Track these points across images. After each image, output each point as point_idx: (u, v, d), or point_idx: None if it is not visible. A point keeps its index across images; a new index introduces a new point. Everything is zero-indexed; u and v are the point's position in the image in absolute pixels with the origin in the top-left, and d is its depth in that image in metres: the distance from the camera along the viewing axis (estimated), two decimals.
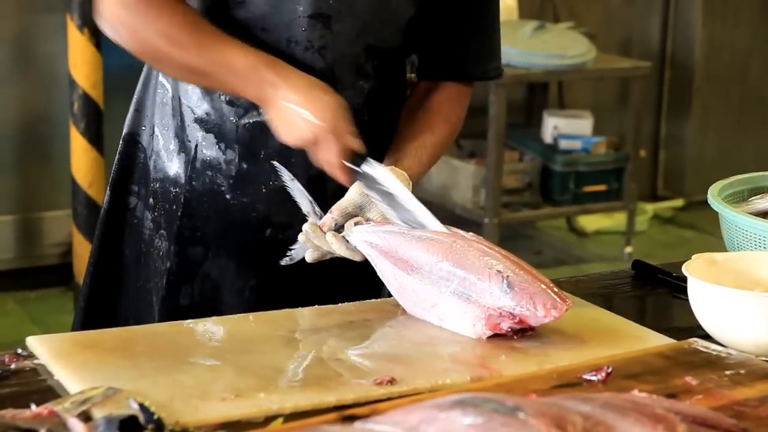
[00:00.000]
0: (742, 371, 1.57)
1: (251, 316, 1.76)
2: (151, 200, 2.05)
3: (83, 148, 4.60)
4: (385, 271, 1.77)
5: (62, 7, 4.61)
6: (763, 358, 1.64)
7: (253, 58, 1.84)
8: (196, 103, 1.98)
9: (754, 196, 2.09)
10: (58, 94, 4.74)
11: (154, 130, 2.05)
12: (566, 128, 5.58)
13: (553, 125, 5.56)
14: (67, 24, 4.58)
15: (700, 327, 1.73)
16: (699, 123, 6.34)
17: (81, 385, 1.48)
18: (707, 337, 1.70)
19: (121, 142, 2.10)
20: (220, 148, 1.98)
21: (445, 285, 1.71)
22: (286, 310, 1.79)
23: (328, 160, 1.82)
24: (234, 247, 2.01)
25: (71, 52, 4.56)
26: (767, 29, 6.40)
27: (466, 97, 2.08)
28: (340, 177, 1.83)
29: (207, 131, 1.99)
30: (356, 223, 1.81)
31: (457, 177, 5.39)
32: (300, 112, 1.80)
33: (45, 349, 1.61)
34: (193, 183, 2.00)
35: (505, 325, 1.67)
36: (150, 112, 2.05)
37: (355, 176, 1.82)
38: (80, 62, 4.55)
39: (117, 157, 2.10)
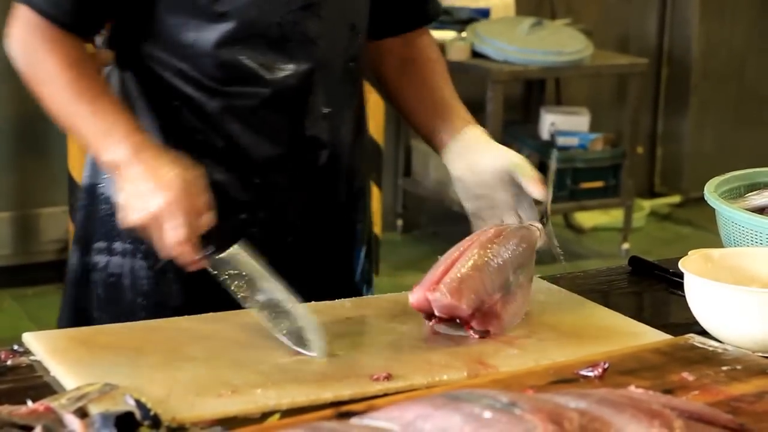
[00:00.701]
0: (739, 367, 1.57)
1: (247, 311, 1.76)
2: (139, 247, 1.90)
3: (80, 145, 4.60)
4: None
5: None
6: (760, 354, 1.64)
7: (116, 120, 1.76)
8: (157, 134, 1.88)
9: (751, 192, 2.09)
10: None
11: None
12: (563, 125, 5.58)
13: (550, 122, 5.57)
14: None
15: (696, 323, 1.73)
16: (696, 120, 6.35)
17: (77, 382, 1.48)
18: (704, 333, 1.70)
19: (81, 194, 2.00)
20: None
21: None
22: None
23: (174, 239, 1.67)
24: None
25: None
26: (764, 26, 6.40)
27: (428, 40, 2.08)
28: (185, 259, 1.69)
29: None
30: None
31: None
32: (142, 194, 1.68)
33: (41, 346, 1.61)
34: None
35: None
36: None
37: (206, 259, 1.70)
38: None
39: (80, 212, 1.99)
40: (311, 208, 1.94)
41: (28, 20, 1.80)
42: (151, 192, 1.68)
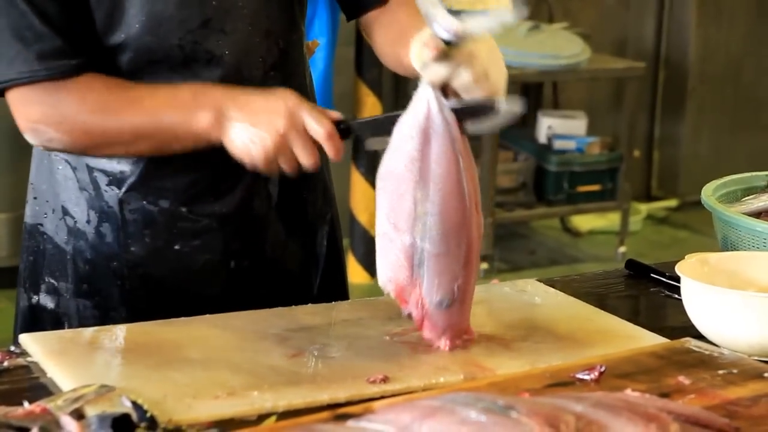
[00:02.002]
0: (735, 371, 1.57)
1: (244, 314, 1.76)
2: (82, 287, 1.86)
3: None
4: None
5: None
6: (756, 358, 1.64)
7: (190, 86, 1.72)
8: (106, 163, 1.82)
9: (748, 196, 2.09)
10: None
11: (64, 212, 1.86)
12: (560, 128, 5.58)
13: (548, 125, 5.57)
14: None
15: (693, 326, 1.73)
16: (693, 123, 6.35)
17: (73, 383, 1.48)
18: (700, 336, 1.71)
19: (24, 235, 1.93)
20: (149, 202, 1.82)
21: None
22: (279, 308, 1.79)
23: (316, 131, 1.66)
24: (198, 291, 1.86)
25: None
26: (761, 31, 6.41)
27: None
28: (332, 146, 1.68)
29: (128, 189, 1.82)
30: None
31: None
32: (267, 107, 1.67)
33: (38, 347, 1.61)
34: (132, 249, 1.83)
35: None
36: (51, 195, 1.87)
37: (349, 134, 1.71)
38: None
39: (23, 253, 1.94)
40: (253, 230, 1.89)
41: (43, 98, 1.71)
42: (270, 116, 1.66)
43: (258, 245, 1.89)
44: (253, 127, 1.67)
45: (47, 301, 1.90)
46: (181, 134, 1.72)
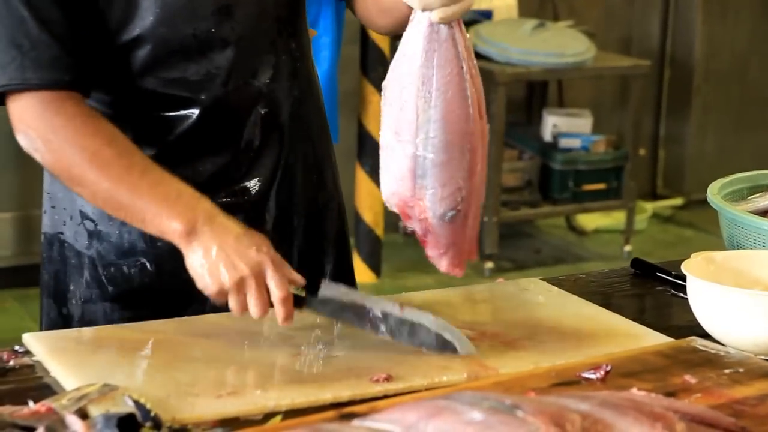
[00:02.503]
0: (741, 370, 1.56)
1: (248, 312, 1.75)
2: (108, 290, 1.85)
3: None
4: None
5: None
6: (762, 357, 1.64)
7: (181, 185, 1.68)
8: None
9: (754, 194, 2.09)
10: None
11: (83, 216, 1.85)
12: (566, 127, 5.58)
13: (553, 123, 5.56)
14: None
15: (699, 325, 1.73)
16: (698, 122, 6.34)
17: (77, 382, 1.48)
18: (706, 335, 1.70)
19: (44, 245, 1.91)
20: None
21: None
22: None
23: (273, 292, 1.62)
24: None
25: None
26: (766, 29, 6.40)
27: None
28: (283, 312, 1.62)
29: None
30: None
31: None
32: (237, 248, 1.62)
33: (41, 346, 1.61)
34: (158, 243, 1.78)
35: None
36: (69, 201, 1.86)
37: (303, 305, 1.66)
38: None
39: (45, 263, 1.91)
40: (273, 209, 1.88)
41: (39, 106, 1.69)
42: (239, 255, 1.62)
43: (285, 242, 1.88)
44: (217, 259, 1.62)
45: (75, 309, 1.88)
46: (148, 223, 1.68)
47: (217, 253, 1.63)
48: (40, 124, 1.69)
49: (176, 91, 1.79)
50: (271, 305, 1.62)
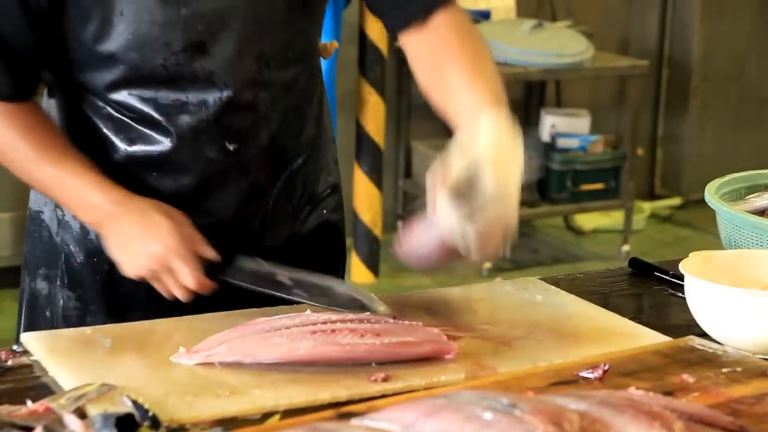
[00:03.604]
0: (739, 369, 1.56)
1: (245, 312, 1.75)
2: (66, 278, 1.89)
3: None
4: None
5: None
6: (760, 356, 1.64)
7: (86, 179, 1.75)
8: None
9: (752, 194, 2.09)
10: None
11: (56, 204, 1.88)
12: (564, 127, 5.58)
13: (551, 123, 5.56)
14: None
15: (697, 325, 1.73)
16: (696, 121, 6.34)
17: (75, 382, 1.47)
18: (704, 335, 1.70)
19: (28, 220, 1.97)
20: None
21: None
22: (280, 306, 1.79)
23: (185, 281, 1.71)
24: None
25: None
26: (765, 28, 6.40)
27: (456, 21, 1.83)
28: (204, 288, 1.73)
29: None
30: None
31: None
32: (139, 240, 1.71)
33: (39, 346, 1.61)
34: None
35: None
36: None
37: (220, 275, 1.74)
38: None
39: (27, 237, 1.97)
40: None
41: None
42: (149, 238, 1.72)
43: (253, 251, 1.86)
44: (126, 254, 1.74)
45: (42, 287, 1.93)
46: (69, 210, 1.84)
47: (124, 249, 1.74)
48: None
49: (148, 110, 1.79)
50: None
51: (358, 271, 5.03)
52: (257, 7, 1.77)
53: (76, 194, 1.76)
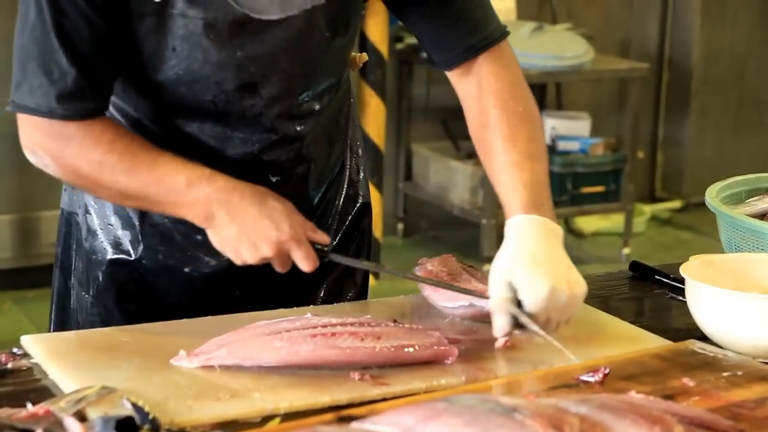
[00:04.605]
0: (740, 373, 1.56)
1: (245, 315, 1.75)
2: (91, 287, 1.90)
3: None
4: None
5: None
6: (761, 360, 1.64)
7: (185, 174, 1.71)
8: None
9: (752, 197, 2.09)
10: None
11: (86, 210, 1.90)
12: (564, 129, 5.58)
13: (551, 126, 5.56)
14: None
15: (697, 328, 1.73)
16: (697, 125, 6.35)
17: (75, 385, 1.47)
18: (704, 338, 1.70)
19: (61, 219, 1.97)
20: (171, 220, 1.83)
21: None
22: (281, 310, 1.78)
23: (301, 266, 1.72)
24: (198, 310, 1.81)
25: None
26: (765, 32, 6.40)
27: (506, 76, 1.86)
28: (314, 265, 1.73)
29: None
30: None
31: (454, 178, 5.39)
32: (257, 231, 1.69)
33: (39, 349, 1.61)
34: (143, 262, 1.86)
35: None
36: (79, 191, 1.91)
37: (326, 257, 1.76)
38: None
39: (60, 237, 1.97)
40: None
41: (51, 129, 1.71)
42: (266, 226, 1.69)
43: (268, 283, 1.87)
44: (238, 242, 1.70)
45: (67, 290, 1.94)
46: (168, 213, 1.76)
47: (237, 236, 1.69)
48: (48, 143, 1.72)
49: (193, 137, 1.79)
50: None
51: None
52: (305, 44, 1.77)
53: (177, 192, 1.71)
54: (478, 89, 1.84)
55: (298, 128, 1.83)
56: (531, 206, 1.70)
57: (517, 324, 1.61)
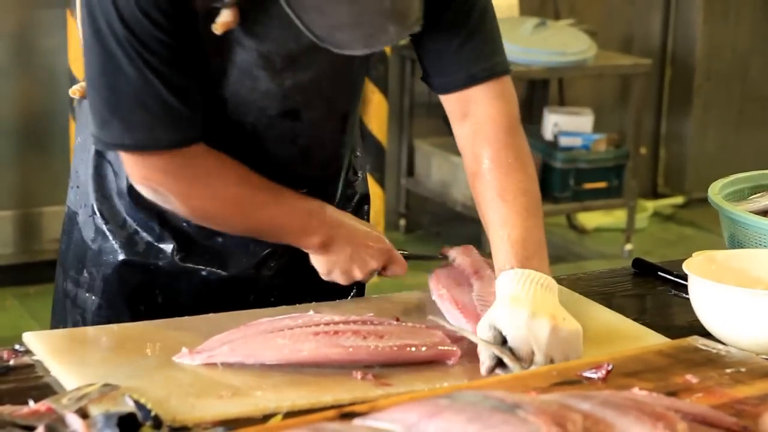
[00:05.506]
0: (743, 369, 1.56)
1: (247, 313, 1.75)
2: (101, 289, 1.88)
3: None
4: None
5: (62, 2, 4.60)
6: (764, 356, 1.63)
7: (304, 209, 1.79)
8: None
9: (755, 194, 2.09)
10: (58, 89, 4.73)
11: (93, 211, 1.88)
12: (567, 125, 5.57)
13: (554, 122, 5.55)
14: (67, 19, 4.57)
15: (700, 325, 1.72)
16: (699, 120, 6.34)
17: (77, 382, 1.47)
18: (707, 335, 1.70)
19: (65, 218, 1.96)
20: (189, 223, 1.83)
21: None
22: (282, 307, 1.79)
23: (398, 272, 1.89)
24: (208, 311, 1.82)
25: (71, 47, 4.56)
26: None
27: (505, 115, 1.83)
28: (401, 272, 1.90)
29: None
30: None
31: (456, 173, 5.38)
32: (368, 247, 1.82)
33: (41, 346, 1.61)
34: (160, 264, 1.85)
35: None
36: (84, 193, 1.90)
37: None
38: (80, 57, 4.52)
39: (63, 235, 1.96)
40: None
41: (168, 165, 1.70)
42: (370, 253, 1.83)
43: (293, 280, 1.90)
44: (351, 261, 1.82)
45: (72, 290, 1.92)
46: (287, 241, 1.82)
47: (350, 257, 1.81)
48: (169, 180, 1.72)
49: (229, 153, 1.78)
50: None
51: None
52: (344, 70, 1.80)
53: (300, 222, 1.79)
54: (473, 134, 1.81)
55: (332, 147, 1.87)
56: (517, 262, 1.68)
57: (501, 363, 1.59)
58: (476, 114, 1.81)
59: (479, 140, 1.80)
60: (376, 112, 5.15)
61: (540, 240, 1.73)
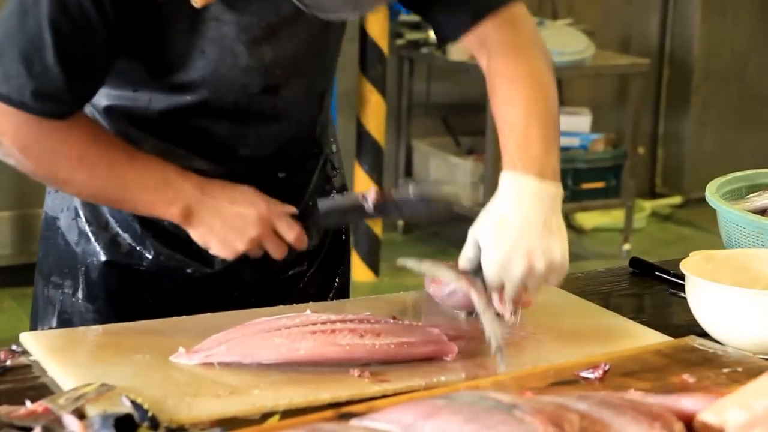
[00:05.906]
0: (740, 369, 1.56)
1: (244, 312, 1.75)
2: (86, 290, 1.87)
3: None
4: None
5: None
6: (761, 356, 1.63)
7: (161, 173, 1.71)
8: None
9: (752, 193, 2.09)
10: None
11: (77, 213, 1.87)
12: (564, 125, 5.53)
13: None
14: None
15: (697, 324, 1.72)
16: (697, 120, 6.34)
17: (74, 382, 1.47)
18: (705, 334, 1.70)
19: (43, 224, 1.93)
20: (171, 222, 1.79)
21: None
22: (279, 306, 1.79)
23: (286, 235, 1.76)
24: (199, 308, 1.81)
25: None
26: (766, 27, 6.40)
27: (511, 35, 1.84)
28: (299, 245, 1.78)
29: None
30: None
31: (455, 173, 5.39)
32: (236, 214, 1.73)
33: (38, 346, 1.61)
34: (144, 264, 1.85)
35: None
36: (66, 195, 1.88)
37: (307, 221, 1.80)
38: None
39: (41, 241, 1.93)
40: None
41: (22, 120, 1.65)
42: (245, 209, 1.73)
43: (274, 275, 1.90)
44: (223, 231, 1.73)
45: (55, 295, 1.90)
46: (142, 211, 1.76)
47: (221, 227, 1.72)
48: (17, 135, 1.66)
49: (203, 140, 1.79)
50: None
51: (358, 269, 5.02)
52: (323, 47, 1.81)
53: (156, 189, 1.71)
54: (487, 60, 1.80)
55: (314, 127, 1.86)
56: (517, 163, 1.70)
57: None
58: (489, 44, 1.80)
59: (493, 64, 1.79)
60: (374, 113, 5.15)
61: (549, 143, 1.74)
